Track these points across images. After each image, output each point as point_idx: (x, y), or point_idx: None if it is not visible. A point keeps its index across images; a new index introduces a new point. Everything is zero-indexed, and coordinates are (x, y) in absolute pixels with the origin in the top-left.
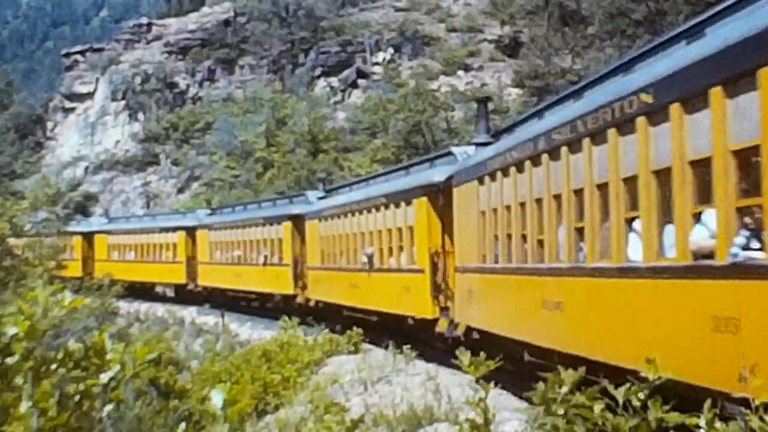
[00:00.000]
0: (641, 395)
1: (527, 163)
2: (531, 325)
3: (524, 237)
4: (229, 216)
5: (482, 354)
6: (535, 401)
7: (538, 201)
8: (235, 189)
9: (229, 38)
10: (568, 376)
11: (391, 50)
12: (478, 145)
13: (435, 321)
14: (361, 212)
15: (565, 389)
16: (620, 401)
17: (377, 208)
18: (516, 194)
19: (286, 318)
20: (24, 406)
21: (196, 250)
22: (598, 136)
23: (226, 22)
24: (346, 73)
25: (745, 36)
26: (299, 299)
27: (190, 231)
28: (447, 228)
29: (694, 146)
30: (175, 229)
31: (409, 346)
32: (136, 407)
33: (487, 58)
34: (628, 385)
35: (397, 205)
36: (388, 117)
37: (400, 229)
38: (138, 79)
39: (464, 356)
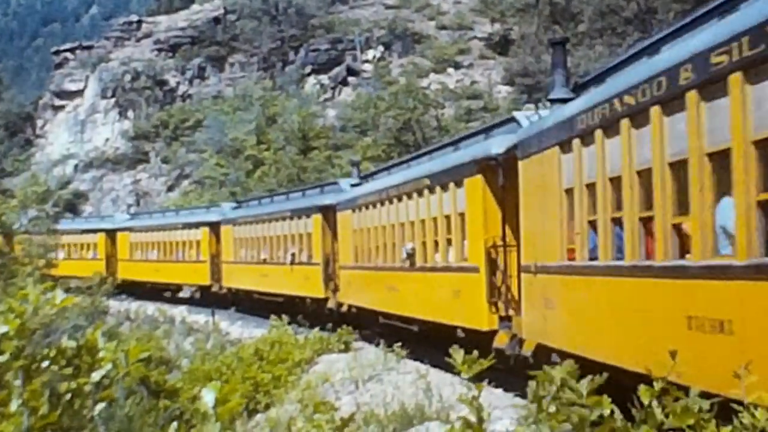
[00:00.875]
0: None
1: (655, 110)
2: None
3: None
4: (254, 209)
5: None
6: (529, 398)
7: (673, 165)
8: (225, 187)
9: (219, 36)
10: (558, 372)
11: (381, 48)
12: (554, 101)
13: (492, 334)
14: (400, 198)
15: (554, 387)
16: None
17: (420, 193)
18: (630, 160)
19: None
20: (14, 405)
21: (220, 247)
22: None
23: (216, 20)
24: (336, 70)
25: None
26: (330, 304)
27: (214, 227)
28: (509, 214)
29: None
30: (198, 225)
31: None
32: (126, 406)
33: (477, 56)
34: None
35: (444, 188)
36: (379, 114)
37: (447, 218)
38: (128, 77)
39: (457, 354)
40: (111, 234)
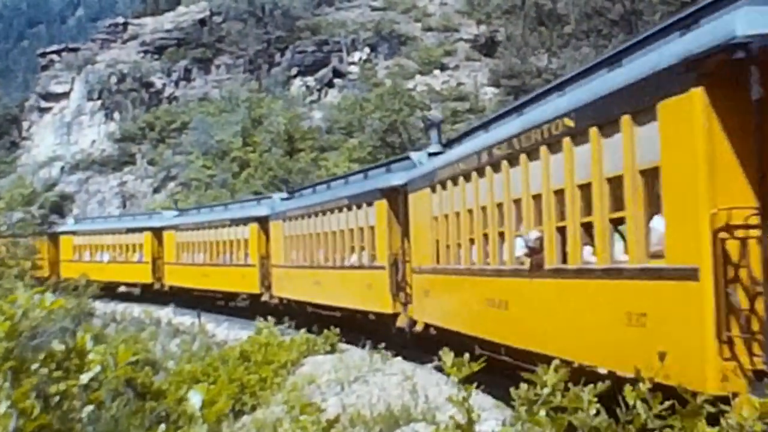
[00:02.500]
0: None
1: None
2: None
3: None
4: (305, 199)
5: (466, 355)
6: (517, 402)
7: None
8: (211, 189)
9: (205, 38)
10: (551, 377)
11: (367, 50)
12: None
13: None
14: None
15: (546, 390)
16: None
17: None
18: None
19: (261, 319)
20: (3, 407)
21: (270, 248)
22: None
23: (202, 22)
24: (322, 72)
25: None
26: (401, 322)
27: (264, 222)
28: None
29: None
30: (246, 221)
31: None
32: (112, 408)
33: (463, 58)
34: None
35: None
36: (365, 116)
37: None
38: (114, 79)
39: (447, 357)
40: (157, 233)
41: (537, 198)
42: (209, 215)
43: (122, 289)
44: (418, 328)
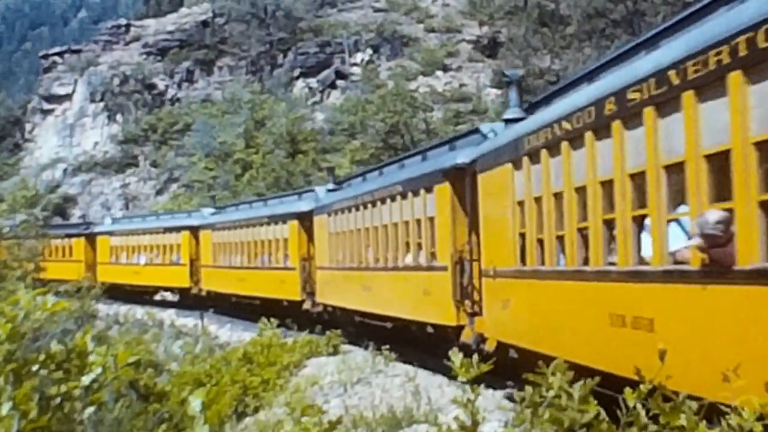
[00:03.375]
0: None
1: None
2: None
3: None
4: (352, 189)
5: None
6: (518, 402)
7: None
8: (214, 190)
9: (208, 39)
10: (556, 379)
11: (369, 51)
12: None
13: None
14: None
15: (551, 393)
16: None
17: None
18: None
19: (266, 321)
20: (5, 408)
21: (313, 248)
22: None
23: (205, 23)
24: (324, 73)
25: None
26: (466, 337)
27: (305, 218)
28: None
29: None
30: (284, 218)
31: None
32: (115, 410)
33: (465, 59)
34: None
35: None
36: (367, 118)
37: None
38: (116, 81)
39: (455, 357)
40: (195, 232)
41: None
42: (247, 212)
43: (154, 295)
44: (489, 347)
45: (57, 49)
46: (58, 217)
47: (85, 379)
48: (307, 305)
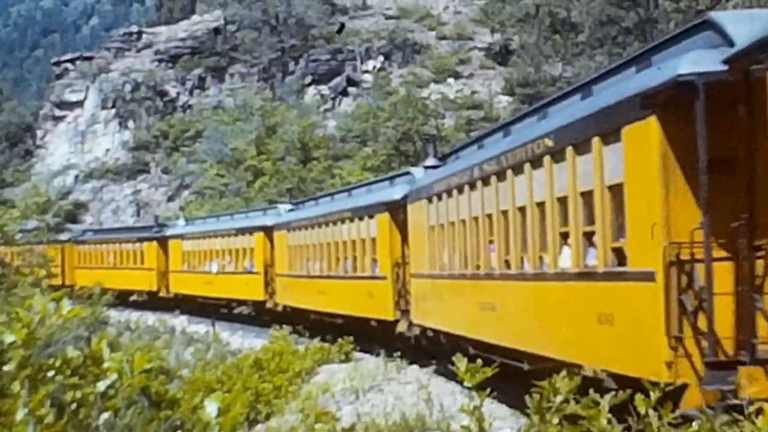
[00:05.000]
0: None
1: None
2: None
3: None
4: (472, 157)
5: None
6: (531, 410)
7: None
8: (225, 197)
9: (219, 46)
10: (564, 384)
11: (381, 58)
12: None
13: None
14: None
15: (560, 398)
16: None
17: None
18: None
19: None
20: (20, 414)
21: (407, 249)
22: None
23: (216, 30)
24: (336, 81)
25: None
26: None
27: (394, 211)
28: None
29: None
30: (370, 212)
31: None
32: (127, 416)
33: (477, 66)
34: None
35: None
36: (379, 125)
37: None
38: (128, 87)
39: (461, 363)
40: (269, 233)
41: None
42: (328, 206)
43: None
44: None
45: (69, 56)
46: (69, 223)
47: (101, 385)
48: (401, 327)
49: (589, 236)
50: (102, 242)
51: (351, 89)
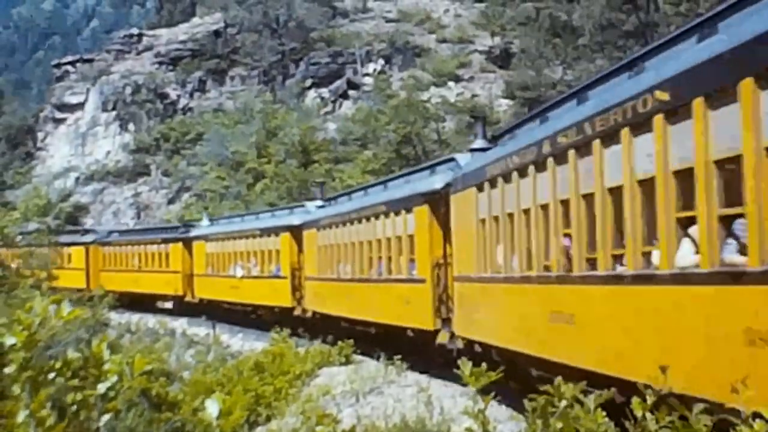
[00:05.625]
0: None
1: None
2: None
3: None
4: (507, 147)
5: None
6: (529, 414)
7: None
8: (226, 200)
9: (220, 49)
10: (568, 389)
11: (381, 61)
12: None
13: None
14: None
15: (564, 403)
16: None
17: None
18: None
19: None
20: (21, 416)
21: (450, 247)
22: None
23: (217, 33)
24: (336, 83)
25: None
26: None
27: (435, 203)
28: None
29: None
30: (409, 204)
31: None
32: (128, 418)
33: (477, 69)
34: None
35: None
36: (379, 128)
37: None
38: (129, 90)
39: (465, 366)
40: (297, 233)
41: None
42: (360, 200)
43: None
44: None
45: (69, 59)
46: (70, 225)
47: (101, 387)
48: (441, 338)
49: (727, 223)
50: (127, 243)
51: (351, 92)
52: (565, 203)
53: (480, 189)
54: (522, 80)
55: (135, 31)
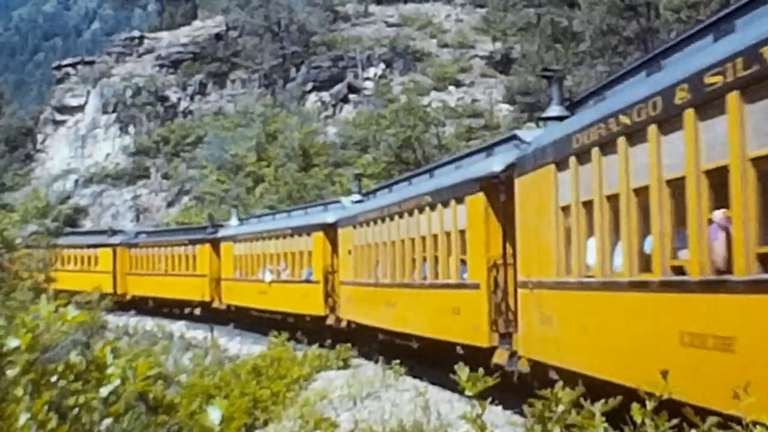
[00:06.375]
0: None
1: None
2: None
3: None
4: (598, 109)
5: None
6: (528, 419)
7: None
8: (225, 203)
9: (221, 52)
10: (566, 394)
11: (382, 65)
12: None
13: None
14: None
15: (561, 408)
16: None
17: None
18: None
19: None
20: (23, 419)
21: (510, 246)
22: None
23: (218, 36)
24: (337, 87)
25: None
26: None
27: (492, 189)
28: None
29: None
30: (457, 195)
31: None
32: (124, 421)
33: (478, 74)
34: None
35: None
36: (379, 132)
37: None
38: (129, 92)
39: (462, 372)
40: (331, 232)
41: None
42: (403, 192)
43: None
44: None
45: (70, 61)
46: (68, 228)
47: (104, 391)
48: (499, 357)
49: None
50: (154, 245)
51: (352, 96)
52: (713, 173)
53: (560, 167)
54: (522, 85)
55: (136, 33)
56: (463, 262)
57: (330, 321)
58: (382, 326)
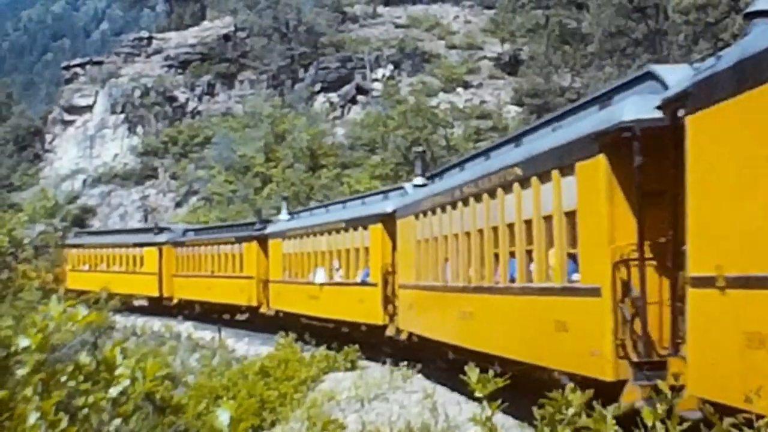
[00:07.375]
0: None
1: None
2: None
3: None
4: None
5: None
6: (538, 421)
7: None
8: (233, 204)
9: (229, 53)
10: (576, 397)
11: (390, 67)
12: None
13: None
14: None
15: (572, 411)
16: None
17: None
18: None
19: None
20: (33, 418)
21: (648, 229)
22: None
23: (226, 37)
24: (345, 89)
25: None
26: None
27: (614, 151)
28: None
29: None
30: (553, 167)
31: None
32: (132, 421)
33: (486, 76)
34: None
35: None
36: (388, 133)
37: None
38: (137, 93)
39: (472, 373)
40: (391, 224)
41: None
42: (474, 171)
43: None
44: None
45: (78, 61)
46: (77, 228)
47: (113, 391)
48: (633, 395)
49: None
50: (201, 243)
51: (360, 97)
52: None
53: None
54: (531, 87)
55: (145, 34)
56: (572, 257)
57: (390, 331)
58: (449, 341)
